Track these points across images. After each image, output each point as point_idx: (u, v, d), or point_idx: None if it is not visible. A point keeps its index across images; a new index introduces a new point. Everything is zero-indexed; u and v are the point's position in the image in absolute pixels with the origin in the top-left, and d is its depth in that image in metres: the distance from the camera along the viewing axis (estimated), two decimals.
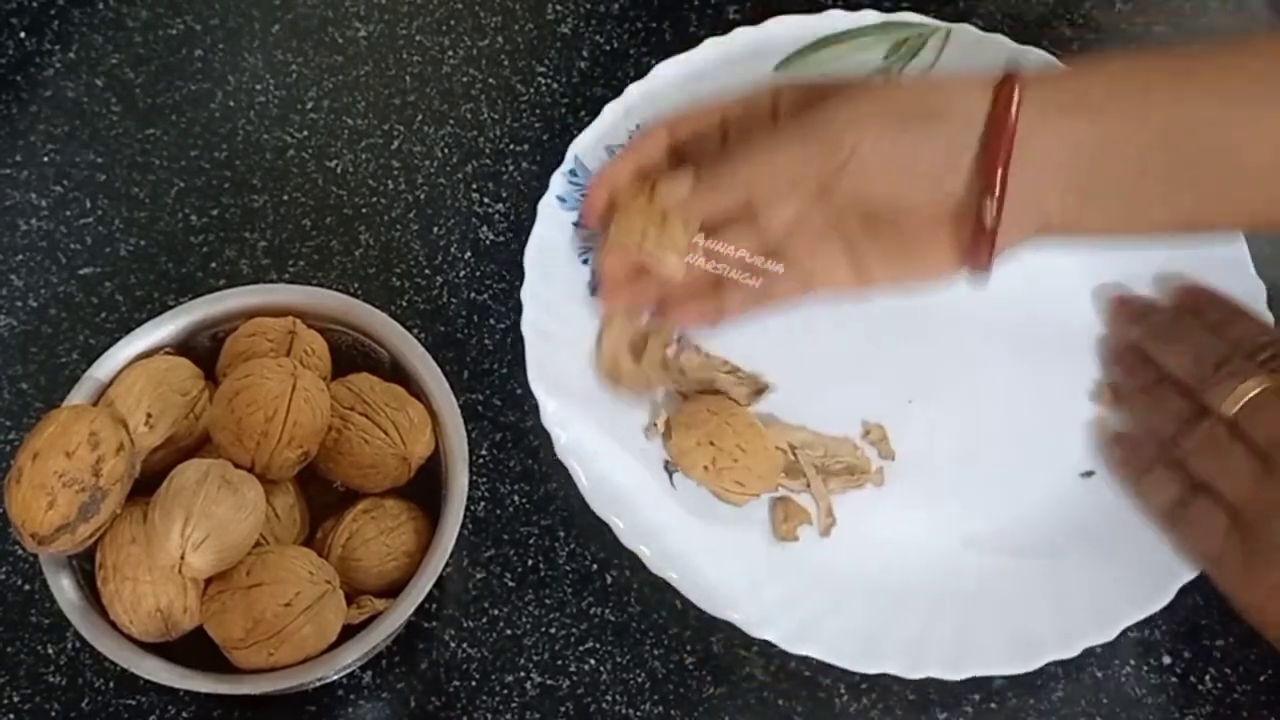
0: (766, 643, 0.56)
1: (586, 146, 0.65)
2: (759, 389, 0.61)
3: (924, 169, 0.54)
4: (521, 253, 0.62)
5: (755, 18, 0.68)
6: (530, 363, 0.60)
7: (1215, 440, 0.49)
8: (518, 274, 0.62)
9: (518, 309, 0.61)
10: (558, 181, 0.64)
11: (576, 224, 0.64)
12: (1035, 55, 0.67)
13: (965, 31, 0.68)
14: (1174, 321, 0.53)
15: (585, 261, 0.63)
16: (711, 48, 0.67)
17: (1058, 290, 0.63)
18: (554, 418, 0.59)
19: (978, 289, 0.56)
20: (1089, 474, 0.61)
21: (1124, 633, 0.57)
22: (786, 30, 0.67)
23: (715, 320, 0.60)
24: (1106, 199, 0.53)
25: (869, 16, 0.68)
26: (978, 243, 0.54)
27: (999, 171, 0.52)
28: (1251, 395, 0.49)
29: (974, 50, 0.67)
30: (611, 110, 0.66)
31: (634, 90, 0.66)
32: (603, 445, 0.59)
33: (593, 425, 0.60)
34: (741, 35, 0.67)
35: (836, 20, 0.68)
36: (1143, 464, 0.51)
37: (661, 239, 0.57)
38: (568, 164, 0.64)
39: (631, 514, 0.58)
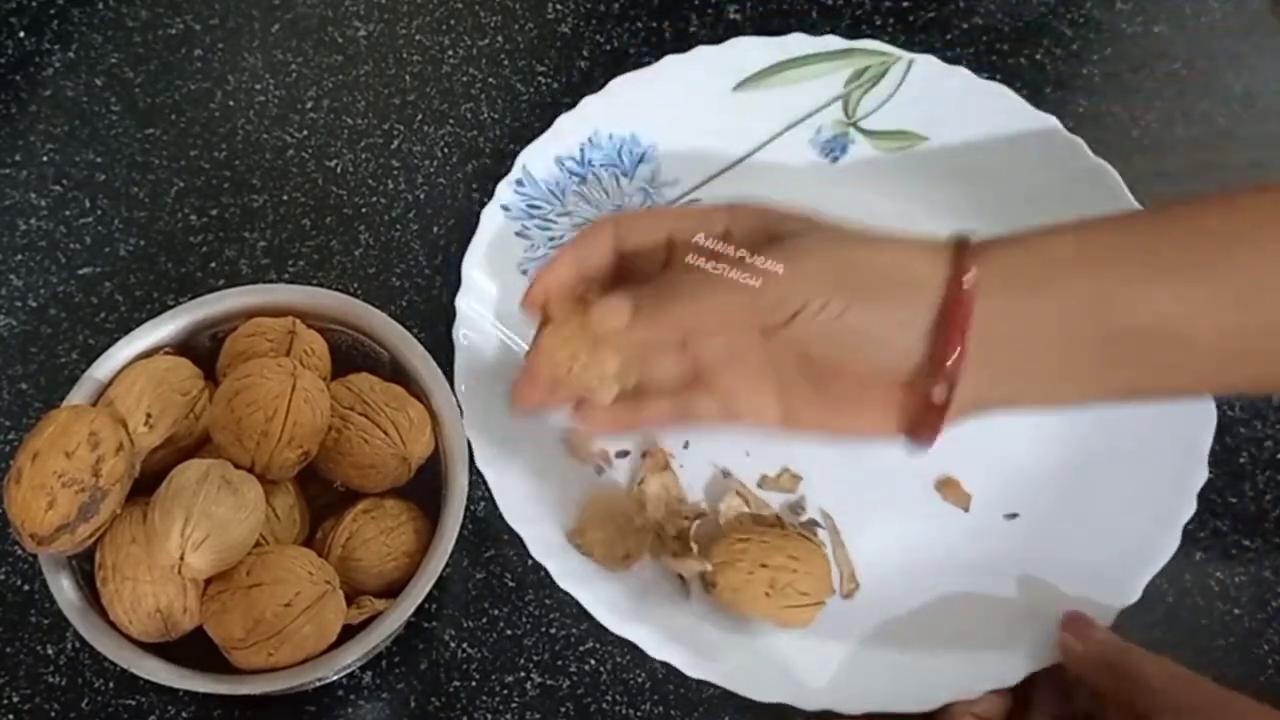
0: None
1: (535, 156, 0.64)
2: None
3: (873, 343, 0.51)
4: None
5: (755, 18, 0.68)
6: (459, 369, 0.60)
7: None
8: None
9: None
10: (504, 190, 0.63)
11: (518, 233, 0.63)
12: (993, 88, 0.66)
13: (927, 63, 0.67)
14: None
15: (524, 272, 0.63)
16: (671, 65, 0.66)
17: None
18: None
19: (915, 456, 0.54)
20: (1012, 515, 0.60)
21: None
22: (747, 51, 0.67)
23: (630, 429, 0.59)
24: (1045, 374, 0.51)
25: (831, 42, 0.67)
26: (923, 419, 0.52)
27: (953, 356, 0.50)
28: None
29: (936, 82, 0.66)
30: (565, 122, 0.65)
31: (589, 103, 0.65)
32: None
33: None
34: (702, 54, 0.66)
35: (799, 44, 0.67)
36: None
37: (591, 366, 0.55)
38: (515, 173, 0.64)
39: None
